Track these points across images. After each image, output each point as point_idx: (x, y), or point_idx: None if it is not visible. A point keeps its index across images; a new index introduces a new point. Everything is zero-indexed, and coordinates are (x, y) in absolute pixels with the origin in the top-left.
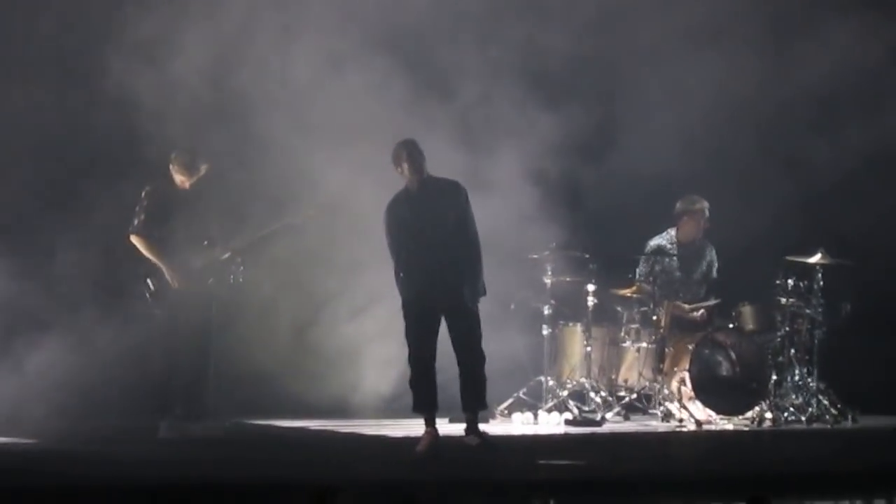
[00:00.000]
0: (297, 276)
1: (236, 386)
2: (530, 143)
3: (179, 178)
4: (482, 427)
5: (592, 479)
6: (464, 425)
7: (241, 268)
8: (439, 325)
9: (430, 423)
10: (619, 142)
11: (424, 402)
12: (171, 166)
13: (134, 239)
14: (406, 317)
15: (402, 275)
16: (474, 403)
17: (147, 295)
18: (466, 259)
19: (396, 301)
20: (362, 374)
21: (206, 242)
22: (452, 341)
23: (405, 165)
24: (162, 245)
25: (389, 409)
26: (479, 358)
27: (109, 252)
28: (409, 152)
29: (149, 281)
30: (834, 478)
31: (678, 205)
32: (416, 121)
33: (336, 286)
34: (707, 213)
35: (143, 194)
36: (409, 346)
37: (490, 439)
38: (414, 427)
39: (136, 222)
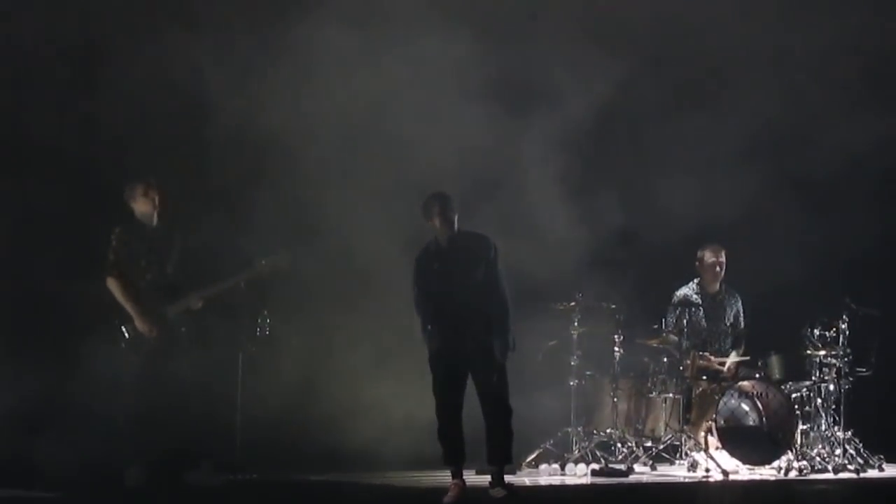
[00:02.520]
0: (320, 326)
1: (259, 437)
2: (555, 191)
3: (141, 211)
4: (508, 479)
5: None
6: (489, 477)
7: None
8: (467, 377)
9: (458, 475)
10: (643, 191)
11: (452, 454)
12: (129, 202)
13: (109, 283)
14: (433, 369)
15: (429, 327)
16: (500, 457)
17: (122, 343)
18: (496, 313)
19: (420, 352)
20: (387, 426)
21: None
22: (479, 395)
23: (437, 219)
24: (134, 289)
25: (415, 461)
26: (506, 412)
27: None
28: (442, 206)
29: (123, 328)
30: None
31: (699, 254)
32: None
33: (360, 335)
34: (724, 263)
35: (112, 236)
36: (437, 398)
37: (516, 490)
38: (440, 478)
39: (107, 265)
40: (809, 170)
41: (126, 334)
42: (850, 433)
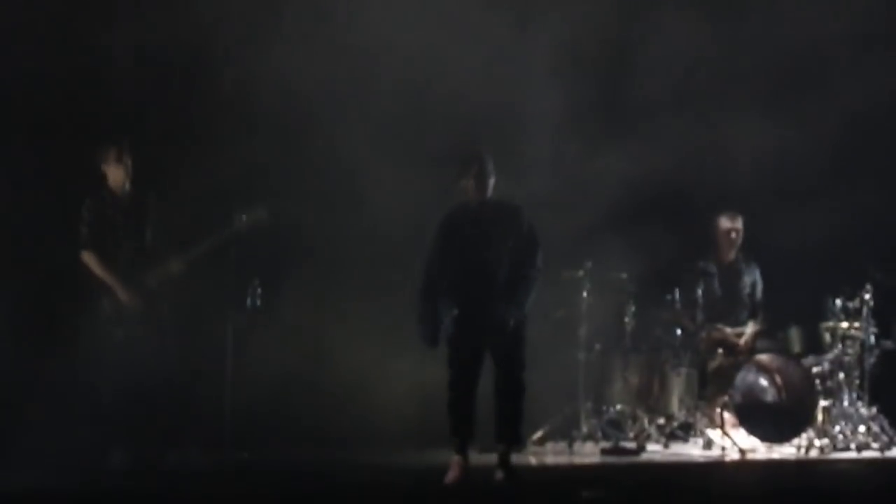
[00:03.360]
0: (316, 298)
1: (253, 415)
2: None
3: (114, 177)
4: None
5: None
6: (492, 456)
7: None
8: (484, 352)
9: (461, 451)
10: (660, 159)
11: (461, 425)
12: (101, 166)
13: (85, 256)
14: (454, 343)
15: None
16: (509, 436)
17: (102, 318)
18: (521, 288)
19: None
20: (388, 402)
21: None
22: (495, 369)
23: (472, 181)
24: (112, 260)
25: (416, 439)
26: (520, 388)
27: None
28: (481, 167)
29: (103, 302)
30: None
31: (715, 223)
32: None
33: (358, 307)
34: (741, 230)
35: (83, 208)
36: (454, 372)
37: (518, 475)
38: (442, 458)
39: (81, 239)
40: (834, 132)
41: (105, 308)
42: (874, 409)
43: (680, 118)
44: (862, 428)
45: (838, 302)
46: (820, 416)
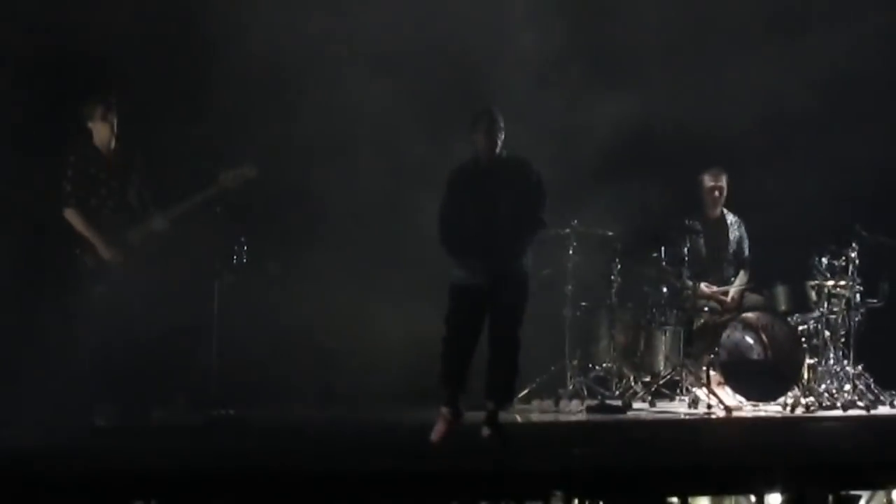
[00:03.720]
0: (303, 255)
1: (241, 372)
2: (555, 116)
3: (99, 134)
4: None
5: (615, 469)
6: (478, 413)
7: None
8: (485, 304)
9: (451, 404)
10: (647, 109)
11: (453, 374)
12: (87, 122)
13: (67, 213)
14: (455, 298)
15: (456, 247)
16: (500, 394)
17: (84, 275)
18: (525, 232)
19: (413, 280)
20: (378, 359)
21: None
22: (490, 324)
23: (482, 136)
24: (95, 217)
25: (406, 396)
26: (515, 345)
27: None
28: (490, 123)
29: (85, 259)
30: (871, 467)
31: (700, 179)
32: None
33: (348, 263)
34: (724, 187)
35: (66, 164)
36: (452, 328)
37: (505, 434)
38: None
39: (64, 195)
40: (821, 86)
41: (88, 264)
42: (860, 368)
43: (667, 70)
44: (847, 386)
45: (824, 260)
46: (806, 375)
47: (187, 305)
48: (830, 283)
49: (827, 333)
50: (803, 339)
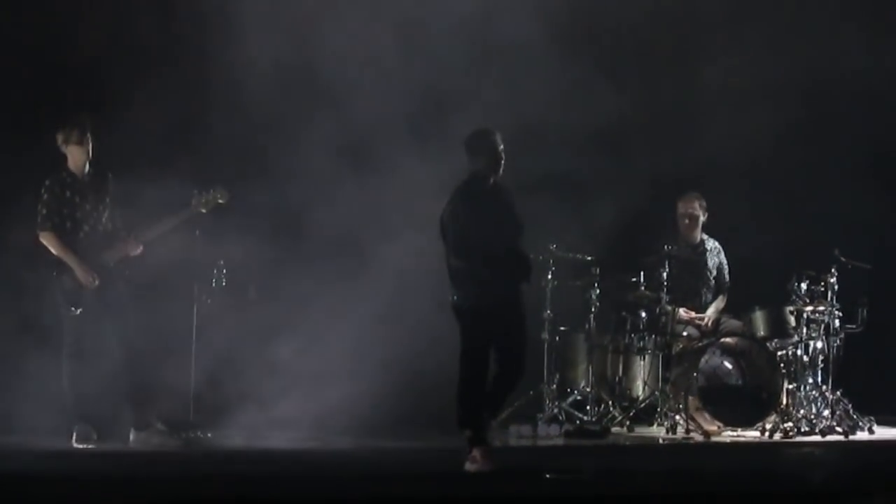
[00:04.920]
0: (274, 283)
1: (218, 395)
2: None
3: (75, 159)
4: None
5: (592, 494)
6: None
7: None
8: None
9: (481, 441)
10: (626, 139)
11: (475, 413)
12: (63, 147)
13: (43, 237)
14: (473, 321)
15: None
16: (499, 409)
17: (60, 298)
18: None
19: (394, 304)
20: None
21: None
22: (501, 349)
23: (490, 157)
24: (71, 240)
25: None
26: (522, 370)
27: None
28: (499, 142)
29: (62, 281)
30: (849, 494)
31: (678, 205)
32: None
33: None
34: (699, 214)
35: (42, 189)
36: (473, 355)
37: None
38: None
39: (40, 219)
40: (801, 118)
41: (65, 287)
42: (838, 393)
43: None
44: (826, 412)
45: (803, 285)
46: (784, 400)
47: (165, 328)
48: (809, 308)
49: (806, 358)
50: (782, 365)
